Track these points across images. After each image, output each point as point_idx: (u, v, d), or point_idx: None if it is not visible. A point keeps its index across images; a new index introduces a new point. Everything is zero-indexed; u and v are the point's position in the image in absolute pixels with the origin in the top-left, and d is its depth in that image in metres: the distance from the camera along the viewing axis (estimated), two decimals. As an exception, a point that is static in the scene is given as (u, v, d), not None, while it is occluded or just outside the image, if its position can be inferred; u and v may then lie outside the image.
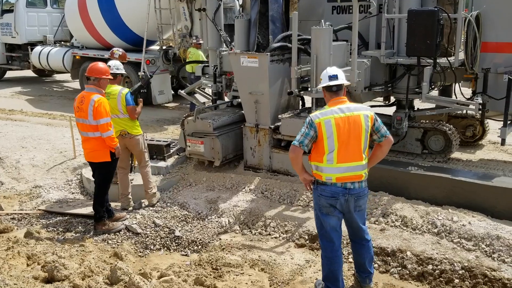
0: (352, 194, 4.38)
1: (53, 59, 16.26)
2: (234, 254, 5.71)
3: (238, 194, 7.00)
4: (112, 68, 6.72)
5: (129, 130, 6.68)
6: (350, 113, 4.35)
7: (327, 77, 4.45)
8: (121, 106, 6.58)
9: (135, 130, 6.74)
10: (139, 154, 6.86)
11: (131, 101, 6.65)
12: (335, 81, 4.41)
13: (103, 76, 5.99)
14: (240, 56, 7.25)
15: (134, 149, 6.80)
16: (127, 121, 6.66)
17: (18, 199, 7.58)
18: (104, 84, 6.06)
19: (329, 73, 4.45)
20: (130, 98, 6.66)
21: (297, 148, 4.36)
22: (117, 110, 6.58)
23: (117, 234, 6.22)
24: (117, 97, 6.57)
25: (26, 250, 5.10)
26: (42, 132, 10.75)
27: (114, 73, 6.73)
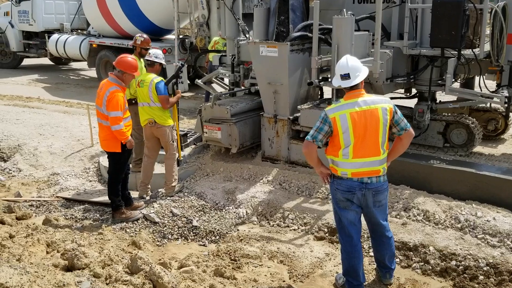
0: (370, 188, 4.27)
1: (70, 47, 16.27)
2: (252, 245, 5.66)
3: (256, 185, 6.94)
4: (151, 56, 6.68)
5: (157, 119, 6.62)
6: (367, 106, 4.22)
7: (339, 75, 4.30)
8: (152, 95, 6.53)
9: (164, 120, 6.67)
10: (165, 145, 6.81)
11: (163, 91, 6.56)
12: (347, 82, 4.25)
13: (127, 71, 5.91)
14: (260, 45, 7.15)
15: (162, 139, 6.76)
16: (156, 110, 6.60)
17: (36, 186, 7.60)
18: (128, 79, 5.99)
19: (341, 72, 4.28)
20: (163, 87, 6.57)
21: (310, 144, 4.27)
22: (148, 98, 6.55)
23: (135, 223, 6.20)
24: (148, 85, 6.52)
25: (46, 237, 5.10)
26: (60, 119, 10.77)
27: (152, 61, 6.68)
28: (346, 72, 4.25)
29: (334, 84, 4.36)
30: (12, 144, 8.97)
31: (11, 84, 15.82)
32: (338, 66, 4.32)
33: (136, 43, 7.50)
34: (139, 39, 7.50)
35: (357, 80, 4.25)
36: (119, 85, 5.85)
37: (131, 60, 5.97)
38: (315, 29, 6.66)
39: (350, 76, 4.23)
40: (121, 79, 5.87)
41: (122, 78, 5.88)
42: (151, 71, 6.70)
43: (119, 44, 14.77)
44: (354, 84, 4.24)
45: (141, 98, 6.67)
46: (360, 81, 4.27)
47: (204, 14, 13.39)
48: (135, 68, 5.99)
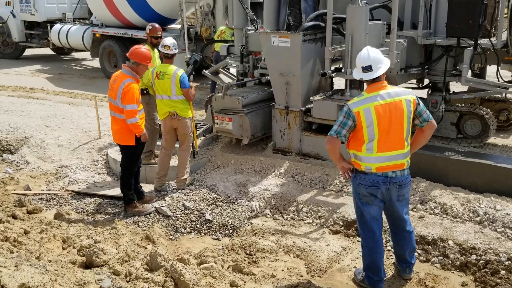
0: (394, 182, 4.19)
1: (72, 37, 16.11)
2: (267, 239, 5.59)
3: (268, 177, 6.85)
4: (172, 48, 6.49)
5: (179, 111, 6.50)
6: (391, 99, 4.12)
7: (360, 68, 4.18)
8: (175, 87, 6.40)
9: (185, 112, 6.55)
10: (184, 137, 6.70)
11: (187, 83, 6.45)
12: (369, 74, 4.14)
13: (143, 62, 5.79)
14: (271, 35, 7.02)
15: (181, 130, 6.64)
16: (178, 103, 6.48)
17: (44, 179, 7.52)
18: (142, 70, 5.86)
19: (363, 64, 4.16)
20: (186, 80, 6.45)
21: (334, 139, 4.17)
22: (170, 91, 6.41)
23: (147, 216, 6.13)
24: (171, 78, 6.37)
25: (60, 233, 5.02)
26: (65, 111, 10.67)
27: (171, 54, 6.51)
28: (368, 64, 4.15)
29: (355, 76, 4.24)
30: (19, 136, 8.88)
31: (14, 75, 15.70)
32: (359, 58, 4.21)
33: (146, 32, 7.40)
34: (148, 27, 7.38)
35: (379, 72, 4.15)
36: (134, 77, 5.73)
37: (145, 51, 5.84)
38: (329, 19, 6.53)
39: (372, 68, 4.13)
40: (135, 71, 5.75)
41: (136, 70, 5.76)
42: (169, 62, 6.53)
43: (123, 34, 14.62)
44: (376, 76, 4.14)
45: (160, 90, 6.50)
46: (383, 73, 4.17)
47: (209, 3, 13.23)
48: (150, 59, 5.87)
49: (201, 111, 11.04)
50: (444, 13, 6.95)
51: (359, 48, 6.44)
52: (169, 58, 6.57)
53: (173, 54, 6.54)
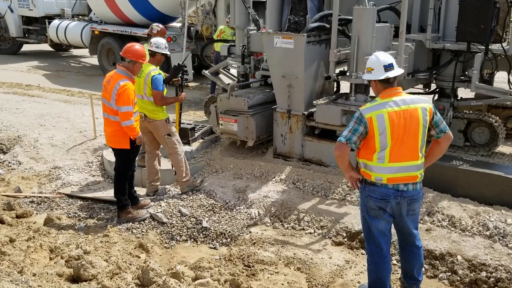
0: (405, 196, 3.94)
1: (71, 33, 15.83)
2: (266, 250, 5.34)
3: (268, 183, 6.60)
4: (152, 46, 6.24)
5: (148, 113, 6.20)
6: (406, 106, 3.87)
7: (381, 67, 3.92)
8: (146, 87, 6.11)
9: (155, 114, 6.22)
10: (160, 140, 6.43)
11: (159, 86, 6.10)
12: (392, 72, 3.91)
13: (139, 60, 5.53)
14: (274, 36, 6.77)
15: (155, 133, 6.36)
16: (148, 104, 6.17)
17: (37, 181, 7.26)
18: (138, 68, 5.60)
19: (384, 62, 3.92)
20: (159, 82, 6.11)
21: (344, 146, 3.91)
22: (142, 90, 6.14)
23: (142, 223, 5.86)
24: (145, 77, 6.10)
25: (49, 241, 4.75)
26: (61, 109, 10.41)
27: (152, 52, 6.25)
28: (389, 62, 3.92)
29: (376, 77, 3.93)
30: (11, 135, 8.61)
31: (10, 71, 15.41)
32: (377, 59, 3.95)
33: (151, 32, 7.14)
34: (156, 28, 7.16)
35: (400, 70, 3.94)
36: (129, 78, 5.46)
37: (140, 48, 5.58)
38: (335, 20, 6.29)
39: (394, 66, 3.90)
40: (131, 70, 5.48)
41: (132, 69, 5.49)
42: (152, 62, 6.26)
43: (122, 31, 14.35)
44: (400, 73, 3.94)
45: (137, 88, 6.21)
46: (401, 71, 3.94)
47: (211, 2, 12.99)
48: (145, 56, 5.62)
49: (199, 111, 10.80)
50: (453, 17, 6.71)
51: (366, 51, 6.28)
52: (152, 57, 6.32)
53: (154, 53, 6.27)
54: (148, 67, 6.12)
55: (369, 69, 4.00)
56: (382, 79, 3.91)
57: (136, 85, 6.15)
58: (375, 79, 3.95)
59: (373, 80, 3.99)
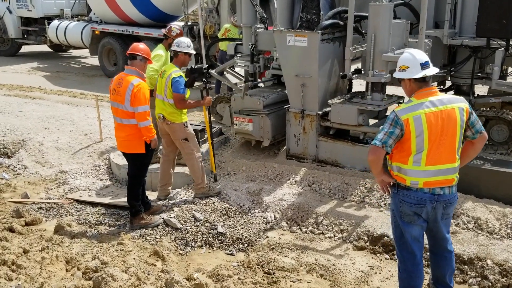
0: (441, 201, 3.76)
1: (71, 34, 15.59)
2: (286, 255, 5.16)
3: (283, 186, 6.41)
4: (174, 45, 6.03)
5: (167, 115, 6.00)
6: (443, 106, 3.69)
7: (418, 64, 3.73)
8: (167, 89, 5.90)
9: (173, 117, 6.01)
10: (177, 144, 6.23)
11: (180, 88, 5.85)
12: (429, 70, 3.73)
13: (150, 57, 5.36)
14: (287, 34, 6.57)
15: (172, 136, 6.17)
16: (168, 106, 5.97)
17: (43, 185, 7.06)
18: (146, 67, 5.43)
19: (420, 60, 3.74)
20: (180, 84, 5.86)
21: (379, 150, 3.72)
22: (163, 92, 5.95)
23: (155, 229, 5.67)
24: (166, 78, 5.90)
25: (63, 251, 4.55)
26: (64, 111, 10.19)
27: (174, 51, 6.02)
28: (426, 60, 3.75)
29: (412, 76, 3.74)
30: (16, 139, 8.40)
31: (10, 73, 15.18)
32: (412, 57, 3.77)
33: (170, 34, 7.00)
34: (175, 30, 7.03)
35: (435, 68, 3.79)
36: (141, 77, 5.28)
37: (146, 46, 5.43)
38: (350, 17, 6.11)
39: (430, 64, 3.73)
40: (142, 69, 5.30)
41: (143, 67, 5.31)
42: (175, 63, 6.06)
43: (124, 31, 14.14)
44: (436, 71, 3.79)
45: (159, 89, 6.07)
46: (437, 70, 3.77)
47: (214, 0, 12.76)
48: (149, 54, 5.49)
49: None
50: (470, 12, 6.56)
51: (382, 49, 6.11)
52: (175, 57, 6.13)
53: (176, 52, 6.06)
54: (171, 68, 5.94)
55: (403, 67, 3.81)
56: (417, 78, 3.73)
57: (158, 85, 6.00)
58: (411, 78, 3.76)
59: (407, 79, 3.80)
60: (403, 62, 3.82)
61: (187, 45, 6.03)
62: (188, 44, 6.04)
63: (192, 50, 6.16)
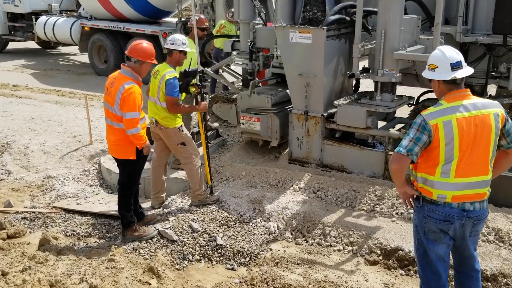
0: (471, 217, 3.36)
1: (59, 30, 15.06)
2: (293, 271, 4.74)
3: (286, 193, 6.00)
4: (167, 43, 5.55)
5: (160, 120, 5.54)
6: (477, 111, 3.28)
7: (448, 64, 3.32)
8: (160, 92, 5.44)
9: (167, 122, 5.56)
10: (172, 149, 5.80)
11: (173, 91, 5.39)
12: (460, 72, 3.32)
13: (147, 60, 4.86)
14: (290, 30, 6.15)
15: (166, 141, 5.73)
16: (160, 110, 5.51)
17: (28, 192, 6.59)
18: (145, 69, 4.93)
19: (451, 59, 3.32)
20: (174, 87, 5.39)
21: (404, 158, 3.30)
22: (156, 94, 5.49)
23: (149, 241, 5.23)
24: (160, 79, 5.44)
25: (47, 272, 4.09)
26: (52, 112, 9.70)
27: (168, 49, 5.55)
28: (458, 60, 3.31)
29: (440, 77, 3.33)
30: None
31: (-4, 70, 14.64)
32: (443, 55, 3.35)
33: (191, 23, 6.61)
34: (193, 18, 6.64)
35: (470, 69, 3.36)
36: (135, 80, 4.79)
37: (147, 46, 4.90)
38: (359, 12, 5.69)
39: (462, 65, 3.31)
40: (137, 71, 4.81)
41: (139, 70, 4.82)
42: (169, 62, 5.58)
43: (114, 27, 13.64)
44: (470, 72, 3.36)
45: (151, 91, 5.62)
46: (471, 71, 3.35)
47: (208, -5, 12.32)
48: (154, 55, 4.93)
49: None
50: (484, 8, 6.19)
51: (393, 46, 5.70)
52: (169, 56, 5.66)
53: (170, 50, 5.59)
54: (165, 69, 5.46)
55: (432, 66, 3.40)
56: (447, 80, 3.32)
57: (151, 86, 5.52)
58: (439, 79, 3.35)
59: (436, 80, 3.39)
60: (432, 60, 3.41)
61: (182, 43, 5.56)
62: (183, 42, 5.58)
63: (188, 48, 5.71)
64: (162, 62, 5.66)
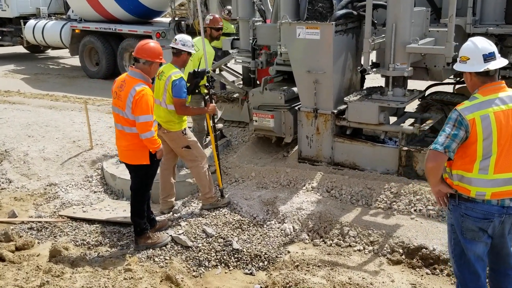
0: (511, 213, 3.25)
1: (49, 33, 14.77)
2: (315, 274, 4.61)
3: (299, 193, 5.86)
4: (177, 42, 5.35)
5: (164, 124, 5.35)
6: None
7: (480, 56, 3.20)
8: (166, 93, 5.27)
9: (170, 125, 5.38)
10: (178, 153, 5.63)
11: (181, 93, 5.22)
12: (493, 64, 3.21)
13: (156, 60, 4.68)
14: (297, 26, 6.01)
15: (171, 145, 5.54)
16: (164, 113, 5.32)
17: (32, 201, 6.38)
18: (155, 69, 4.75)
19: (484, 50, 3.20)
20: (181, 88, 5.22)
21: (441, 155, 3.18)
22: (161, 96, 5.31)
23: (164, 248, 5.06)
24: (166, 80, 5.25)
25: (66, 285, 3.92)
26: (48, 117, 9.46)
27: (178, 50, 5.37)
28: (491, 51, 3.20)
29: (473, 69, 3.21)
30: (-3, 149, 7.68)
31: (-14, 77, 14.32)
32: (475, 47, 3.23)
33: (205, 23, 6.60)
34: (208, 17, 6.55)
35: (504, 60, 3.25)
36: (146, 81, 4.61)
37: (155, 45, 4.71)
38: (369, 6, 5.56)
39: (496, 55, 3.20)
40: (147, 72, 4.63)
41: (148, 71, 4.63)
42: (175, 62, 5.42)
43: (106, 28, 13.40)
44: (504, 64, 3.25)
45: (156, 93, 5.41)
46: (506, 62, 3.25)
47: (202, -7, 12.11)
48: (161, 54, 4.76)
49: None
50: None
51: (404, 40, 5.58)
52: (177, 57, 5.49)
53: (180, 51, 5.43)
54: (170, 69, 5.28)
55: (463, 58, 3.28)
56: (480, 72, 3.20)
57: (155, 88, 5.32)
58: (471, 72, 3.23)
59: (468, 72, 3.27)
60: (464, 52, 3.29)
61: (192, 44, 5.41)
62: (193, 43, 5.42)
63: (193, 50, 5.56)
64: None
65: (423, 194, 5.42)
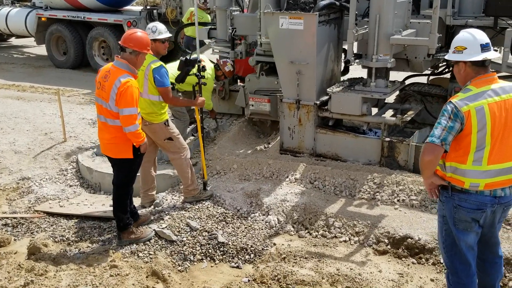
0: (502, 203, 3.31)
1: (13, 21, 14.20)
2: (303, 266, 4.59)
3: (282, 185, 5.83)
4: (149, 33, 5.16)
5: (145, 115, 5.15)
6: (506, 95, 3.22)
7: (478, 46, 3.22)
8: (147, 83, 5.11)
9: (152, 117, 5.21)
10: (160, 145, 5.49)
11: (165, 80, 5.06)
12: (490, 53, 3.23)
13: (143, 50, 4.50)
14: (279, 16, 5.93)
15: (153, 138, 5.39)
16: (146, 104, 5.15)
17: (5, 196, 6.13)
18: (141, 60, 4.58)
19: (481, 40, 3.23)
20: (163, 75, 5.06)
21: (439, 148, 3.18)
22: (142, 87, 5.14)
23: (147, 243, 4.93)
24: (145, 70, 5.08)
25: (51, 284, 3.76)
26: (16, 108, 9.12)
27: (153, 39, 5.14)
28: (487, 41, 3.25)
29: (470, 58, 3.21)
30: (-36, 143, 7.34)
31: None
32: (472, 37, 3.25)
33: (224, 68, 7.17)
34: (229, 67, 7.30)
35: (495, 52, 3.31)
36: (131, 73, 4.44)
37: (142, 35, 4.53)
38: (353, -4, 5.53)
39: (490, 46, 3.25)
40: (133, 63, 4.46)
41: (135, 61, 4.46)
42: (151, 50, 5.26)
43: (74, 16, 12.95)
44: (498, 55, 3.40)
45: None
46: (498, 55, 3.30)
47: (175, -18, 11.90)
48: (149, 44, 4.60)
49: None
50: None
51: (386, 31, 5.59)
52: None
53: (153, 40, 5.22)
54: (148, 59, 5.09)
55: (459, 47, 3.28)
56: (475, 62, 3.22)
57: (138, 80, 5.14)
58: (468, 60, 3.24)
59: (462, 63, 3.28)
60: (460, 42, 3.29)
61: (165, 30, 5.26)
62: (165, 29, 5.27)
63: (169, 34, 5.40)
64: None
65: (406, 185, 5.47)
